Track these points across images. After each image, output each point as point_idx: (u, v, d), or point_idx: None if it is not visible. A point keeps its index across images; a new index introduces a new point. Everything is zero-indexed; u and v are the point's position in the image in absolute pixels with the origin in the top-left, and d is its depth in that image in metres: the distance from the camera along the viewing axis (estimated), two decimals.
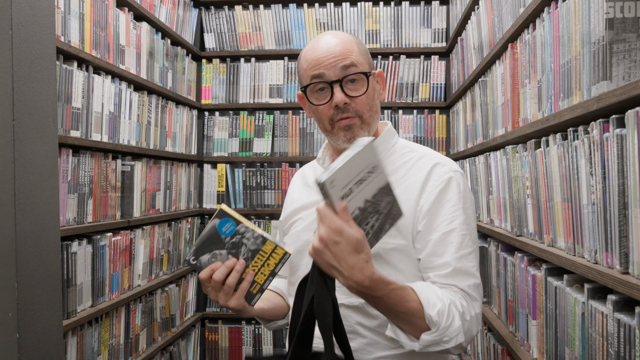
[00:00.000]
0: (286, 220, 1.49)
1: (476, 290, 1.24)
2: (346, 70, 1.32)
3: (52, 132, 1.53)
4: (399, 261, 1.29)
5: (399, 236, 1.29)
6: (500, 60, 2.07)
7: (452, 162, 1.35)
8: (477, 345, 2.38)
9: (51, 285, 1.51)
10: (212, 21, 3.74)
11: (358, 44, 1.37)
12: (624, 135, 1.01)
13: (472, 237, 1.28)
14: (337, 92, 1.32)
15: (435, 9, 3.60)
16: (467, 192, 1.31)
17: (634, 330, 0.97)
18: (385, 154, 1.37)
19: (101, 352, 2.29)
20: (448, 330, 1.17)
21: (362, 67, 1.33)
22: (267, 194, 3.70)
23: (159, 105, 3.00)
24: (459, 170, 1.32)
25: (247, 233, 1.21)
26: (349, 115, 1.33)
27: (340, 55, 1.32)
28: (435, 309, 1.17)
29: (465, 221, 1.27)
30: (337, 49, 1.33)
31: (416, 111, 3.64)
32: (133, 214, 2.62)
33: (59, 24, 1.98)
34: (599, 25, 1.14)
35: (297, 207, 1.48)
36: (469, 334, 1.20)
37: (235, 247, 1.22)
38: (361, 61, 1.34)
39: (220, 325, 3.69)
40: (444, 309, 1.17)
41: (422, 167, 1.32)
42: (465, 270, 1.24)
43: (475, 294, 1.23)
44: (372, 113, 1.35)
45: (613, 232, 1.06)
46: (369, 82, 1.33)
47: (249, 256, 1.23)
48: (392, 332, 1.22)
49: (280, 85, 3.71)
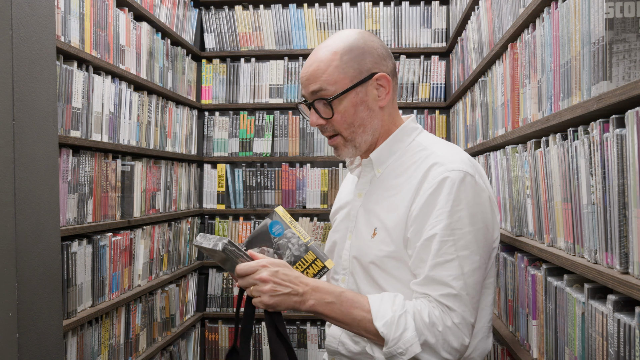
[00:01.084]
0: (331, 218, 1.56)
1: (452, 299, 1.19)
2: (313, 95, 1.32)
3: (52, 132, 1.53)
4: (394, 268, 1.28)
5: (390, 243, 1.28)
6: (500, 60, 2.07)
7: (458, 160, 1.27)
8: None
9: (51, 285, 1.51)
10: (212, 21, 3.75)
11: (341, 56, 1.30)
12: (624, 135, 1.01)
13: (459, 244, 1.21)
14: (310, 115, 1.34)
15: (435, 9, 3.60)
16: (464, 192, 1.23)
17: (634, 330, 0.97)
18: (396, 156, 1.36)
19: (101, 352, 2.29)
20: (399, 342, 1.17)
21: (333, 89, 1.29)
22: (267, 194, 3.70)
23: (159, 105, 3.00)
24: (461, 170, 1.24)
25: (293, 239, 1.27)
26: (330, 134, 1.35)
27: (310, 77, 1.32)
28: (383, 321, 1.18)
29: (448, 226, 1.21)
30: (310, 70, 1.32)
31: (416, 111, 3.64)
32: (133, 214, 2.62)
33: (59, 24, 1.98)
34: (599, 25, 1.14)
35: (337, 207, 1.53)
36: (446, 344, 1.18)
37: (282, 248, 1.28)
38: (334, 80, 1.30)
39: (220, 325, 3.69)
40: (393, 320, 1.17)
41: (422, 168, 1.28)
42: (439, 279, 1.20)
43: (451, 303, 1.19)
44: (353, 129, 1.32)
45: (613, 232, 1.06)
46: (333, 106, 1.30)
47: (292, 260, 1.27)
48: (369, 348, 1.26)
49: (280, 85, 3.71)
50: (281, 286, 1.19)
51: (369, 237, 1.32)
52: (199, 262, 3.65)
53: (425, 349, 1.18)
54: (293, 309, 1.22)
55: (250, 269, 1.21)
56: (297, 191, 3.68)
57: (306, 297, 1.21)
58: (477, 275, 1.23)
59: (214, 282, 3.71)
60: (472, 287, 1.21)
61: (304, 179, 3.67)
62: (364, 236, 1.34)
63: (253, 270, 1.21)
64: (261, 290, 1.20)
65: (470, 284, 1.21)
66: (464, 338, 1.20)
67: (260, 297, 1.20)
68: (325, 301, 1.22)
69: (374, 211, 1.34)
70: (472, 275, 1.21)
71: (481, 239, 1.24)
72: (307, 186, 3.67)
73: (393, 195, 1.31)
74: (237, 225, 3.71)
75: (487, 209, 1.26)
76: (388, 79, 1.32)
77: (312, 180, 3.66)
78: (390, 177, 1.35)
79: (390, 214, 1.29)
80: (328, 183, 3.64)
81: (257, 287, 1.20)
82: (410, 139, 1.37)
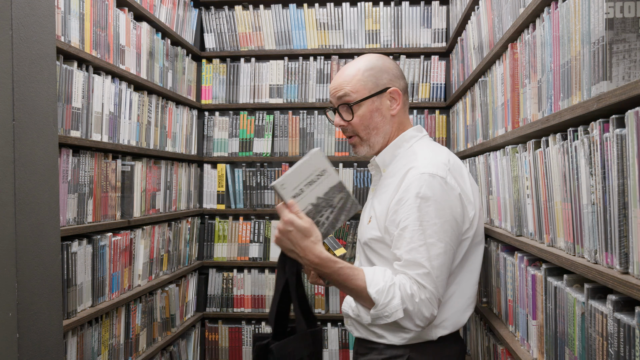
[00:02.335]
0: None
1: (424, 278, 1.48)
2: (339, 100, 1.66)
3: (52, 132, 1.53)
4: (380, 249, 1.61)
5: (377, 229, 1.60)
6: (500, 60, 2.07)
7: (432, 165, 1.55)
8: (477, 345, 2.38)
9: (51, 285, 1.51)
10: (212, 21, 3.75)
11: (363, 72, 1.64)
12: (624, 135, 1.01)
13: (428, 232, 1.49)
14: (335, 117, 1.70)
15: (435, 9, 3.60)
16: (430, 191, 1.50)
17: (634, 330, 0.97)
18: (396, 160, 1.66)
19: (101, 352, 2.29)
20: (387, 307, 1.47)
21: (355, 96, 1.63)
22: (267, 194, 3.70)
23: (159, 105, 3.00)
24: (431, 173, 1.52)
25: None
26: (349, 134, 1.70)
27: (337, 87, 1.67)
28: (376, 288, 1.48)
29: (417, 218, 1.50)
30: (338, 81, 1.68)
31: (416, 111, 3.64)
32: (133, 214, 2.62)
33: (59, 24, 1.98)
34: (599, 25, 1.14)
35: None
36: (420, 313, 1.48)
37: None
38: (356, 89, 1.64)
39: (220, 325, 3.69)
40: (384, 288, 1.48)
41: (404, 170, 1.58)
42: (415, 261, 1.49)
43: (424, 281, 1.48)
44: (369, 131, 1.66)
45: (613, 232, 1.06)
46: (353, 110, 1.64)
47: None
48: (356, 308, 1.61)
49: (280, 85, 3.71)
50: (285, 242, 1.51)
51: (366, 223, 1.68)
52: (199, 262, 3.65)
53: (405, 316, 1.48)
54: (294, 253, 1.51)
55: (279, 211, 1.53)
56: None
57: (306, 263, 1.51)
58: (442, 259, 1.50)
59: (214, 282, 3.71)
60: (438, 268, 1.50)
61: None
62: (364, 223, 1.70)
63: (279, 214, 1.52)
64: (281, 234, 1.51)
65: (436, 266, 1.49)
66: (433, 310, 1.50)
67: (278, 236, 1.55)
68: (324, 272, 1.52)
69: (373, 203, 1.68)
70: (437, 259, 1.49)
71: (448, 229, 1.52)
72: None
73: (385, 192, 1.63)
74: (237, 225, 3.71)
75: (455, 205, 1.54)
76: (399, 93, 1.66)
77: None
78: (388, 176, 1.68)
79: (380, 206, 1.62)
80: None
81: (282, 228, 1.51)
82: (409, 145, 1.67)
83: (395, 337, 1.58)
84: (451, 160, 1.61)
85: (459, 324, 1.65)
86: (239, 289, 3.68)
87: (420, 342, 1.59)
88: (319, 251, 1.49)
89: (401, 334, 1.58)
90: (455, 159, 1.65)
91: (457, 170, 1.61)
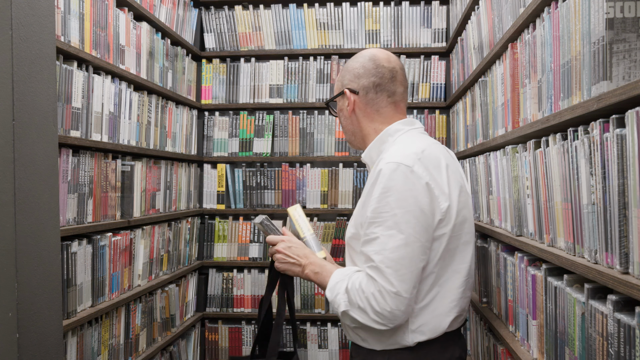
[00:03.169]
0: None
1: (374, 270, 1.46)
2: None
3: (52, 132, 1.53)
4: (356, 245, 1.59)
5: (352, 226, 1.61)
6: (500, 60, 2.07)
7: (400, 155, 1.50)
8: (477, 345, 2.38)
9: (51, 285, 1.51)
10: (212, 21, 3.74)
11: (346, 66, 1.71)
12: (624, 135, 1.01)
13: (386, 224, 1.45)
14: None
15: (435, 9, 3.60)
16: (394, 181, 1.46)
17: (634, 330, 0.97)
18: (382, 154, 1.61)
19: (101, 352, 2.29)
20: (334, 301, 1.55)
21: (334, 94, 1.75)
22: (267, 194, 3.70)
23: (159, 105, 3.00)
24: (396, 162, 1.48)
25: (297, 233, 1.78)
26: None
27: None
28: (329, 286, 1.57)
29: (375, 210, 1.47)
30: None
31: (416, 111, 3.64)
32: (133, 214, 2.62)
33: (59, 24, 1.98)
34: (599, 25, 1.14)
35: None
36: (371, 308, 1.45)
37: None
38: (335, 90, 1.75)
39: (220, 325, 3.69)
40: (333, 286, 1.55)
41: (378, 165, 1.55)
42: (366, 254, 1.49)
43: (373, 274, 1.46)
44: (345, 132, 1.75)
45: (613, 232, 1.06)
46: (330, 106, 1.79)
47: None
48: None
49: (280, 85, 3.71)
50: (289, 257, 1.68)
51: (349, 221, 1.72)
52: (199, 262, 3.65)
53: (354, 309, 1.49)
54: (296, 274, 1.69)
55: (274, 241, 1.73)
56: (297, 191, 3.68)
57: (304, 268, 1.67)
58: (402, 251, 1.43)
59: (214, 282, 3.71)
60: (396, 261, 1.43)
61: (304, 179, 3.67)
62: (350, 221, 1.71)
63: (275, 242, 1.72)
64: (277, 258, 1.70)
65: (392, 259, 1.43)
66: (386, 304, 1.44)
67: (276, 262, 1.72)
68: (314, 271, 1.65)
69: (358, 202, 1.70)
70: (395, 251, 1.43)
71: (411, 219, 1.44)
72: (307, 186, 3.67)
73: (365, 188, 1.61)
74: (237, 225, 3.71)
75: (420, 194, 1.46)
76: (348, 93, 1.67)
77: (312, 180, 3.66)
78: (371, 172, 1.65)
79: (359, 202, 1.61)
80: (328, 183, 3.64)
81: (275, 255, 1.71)
82: (393, 138, 1.63)
83: (375, 341, 1.55)
84: (427, 151, 1.54)
85: (438, 329, 1.54)
86: (239, 289, 3.68)
87: (398, 347, 1.53)
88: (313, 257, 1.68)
89: (380, 337, 1.54)
90: (434, 150, 1.57)
91: (432, 161, 1.52)
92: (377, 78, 1.64)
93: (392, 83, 1.65)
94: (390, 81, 1.65)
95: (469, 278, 1.59)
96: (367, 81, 1.65)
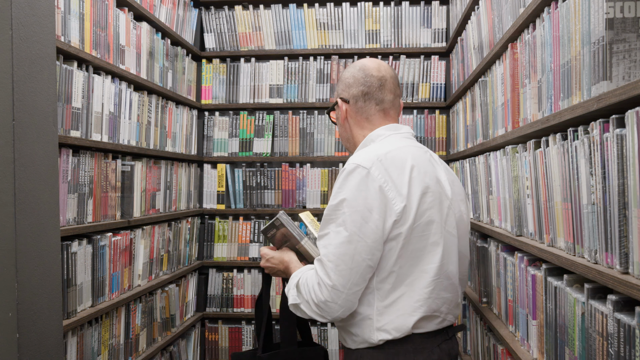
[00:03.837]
0: None
1: (318, 264, 1.56)
2: None
3: (52, 132, 1.53)
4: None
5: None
6: (500, 60, 2.07)
7: (361, 158, 1.58)
8: (477, 345, 2.38)
9: (51, 285, 1.51)
10: (212, 21, 3.74)
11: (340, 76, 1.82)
12: (624, 135, 1.01)
13: (337, 221, 1.54)
14: None
15: (435, 9, 3.60)
16: (349, 181, 1.55)
17: (634, 330, 0.97)
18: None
19: (101, 352, 2.29)
20: (288, 294, 1.64)
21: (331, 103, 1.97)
22: (267, 194, 3.70)
23: (159, 105, 3.00)
24: (355, 163, 1.57)
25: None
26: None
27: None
28: (288, 284, 1.68)
29: (330, 207, 1.57)
30: None
31: (416, 111, 3.64)
32: (133, 214, 2.62)
33: (59, 24, 1.98)
34: (599, 25, 1.14)
35: None
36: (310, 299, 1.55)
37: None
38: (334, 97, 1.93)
39: (220, 325, 3.69)
40: (290, 282, 1.67)
41: None
42: (318, 248, 1.59)
43: (317, 267, 1.56)
44: (342, 139, 1.86)
45: (613, 232, 1.06)
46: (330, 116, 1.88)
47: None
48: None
49: (280, 85, 3.71)
50: (271, 265, 1.83)
51: None
52: (199, 262, 3.65)
53: (303, 302, 1.58)
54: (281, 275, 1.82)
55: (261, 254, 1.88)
56: (297, 191, 3.68)
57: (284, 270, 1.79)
58: (344, 247, 1.51)
59: (214, 282, 3.71)
60: (338, 256, 1.52)
61: (304, 179, 3.67)
62: None
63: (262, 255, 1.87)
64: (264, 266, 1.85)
65: (335, 254, 1.52)
66: (321, 296, 1.53)
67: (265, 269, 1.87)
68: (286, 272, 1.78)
69: None
70: (338, 247, 1.52)
71: (357, 219, 1.51)
72: (307, 186, 3.67)
73: None
74: (237, 225, 3.71)
75: (372, 196, 1.52)
76: (340, 103, 1.78)
77: (312, 180, 3.66)
78: None
79: None
80: (328, 183, 3.64)
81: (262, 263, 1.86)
82: (375, 143, 1.69)
83: (350, 340, 1.63)
84: (391, 153, 1.58)
85: (402, 328, 1.55)
86: (239, 289, 3.68)
87: (367, 347, 1.59)
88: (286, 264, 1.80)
89: (351, 336, 1.62)
90: (401, 152, 1.60)
91: (395, 162, 1.56)
92: (365, 87, 1.73)
93: (381, 91, 1.72)
94: (379, 89, 1.72)
95: (441, 279, 1.58)
96: (357, 90, 1.74)
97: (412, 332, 1.56)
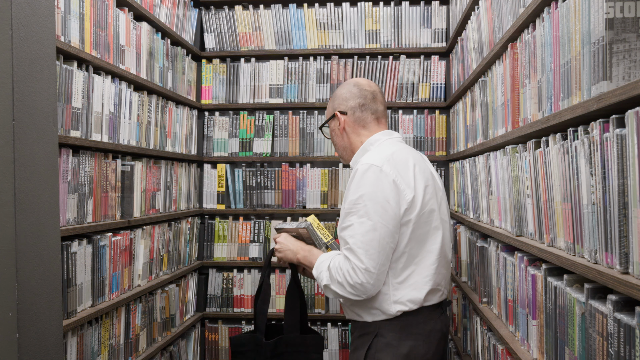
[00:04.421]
0: None
1: (348, 252, 1.78)
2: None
3: (52, 132, 1.53)
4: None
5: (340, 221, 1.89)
6: (500, 60, 2.07)
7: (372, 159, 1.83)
8: (477, 345, 2.38)
9: (51, 285, 1.51)
10: (212, 21, 3.74)
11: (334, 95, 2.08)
12: (624, 135, 1.01)
13: (359, 213, 1.77)
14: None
15: (435, 9, 3.60)
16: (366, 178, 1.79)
17: (634, 330, 0.97)
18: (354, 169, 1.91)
19: (101, 352, 2.29)
20: (318, 277, 1.88)
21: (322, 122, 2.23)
22: (267, 194, 3.70)
23: (159, 105, 3.00)
24: (368, 163, 1.82)
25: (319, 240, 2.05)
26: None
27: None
28: (315, 265, 1.91)
29: (351, 202, 1.80)
30: None
31: (416, 111, 3.64)
32: (133, 214, 2.62)
33: (59, 24, 1.98)
34: (599, 25, 1.14)
35: None
36: (346, 281, 1.78)
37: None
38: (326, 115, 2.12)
39: (220, 325, 3.69)
40: (318, 265, 1.89)
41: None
42: (343, 238, 1.82)
43: (348, 254, 1.78)
44: (335, 146, 2.12)
45: (613, 232, 1.06)
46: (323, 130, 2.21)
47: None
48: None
49: (280, 85, 3.71)
50: (283, 248, 2.06)
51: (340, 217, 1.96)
52: (199, 262, 3.65)
53: (334, 283, 1.81)
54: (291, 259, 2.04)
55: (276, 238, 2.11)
56: (297, 191, 3.68)
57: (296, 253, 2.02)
58: (371, 234, 1.76)
59: (214, 282, 3.71)
60: (366, 243, 1.76)
61: (304, 179, 3.67)
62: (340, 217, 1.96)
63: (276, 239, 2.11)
64: (276, 248, 2.10)
65: (363, 241, 1.76)
66: (357, 278, 1.76)
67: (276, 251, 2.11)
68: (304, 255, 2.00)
69: None
70: (365, 235, 1.76)
71: (379, 209, 1.77)
72: (307, 186, 3.67)
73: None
74: (237, 225, 3.71)
75: (387, 189, 1.79)
76: (338, 115, 2.04)
77: (312, 180, 3.66)
78: None
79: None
80: (328, 183, 3.64)
81: (275, 246, 2.12)
82: (373, 147, 1.97)
83: (367, 314, 1.88)
84: (395, 154, 1.88)
85: (416, 300, 1.84)
86: (239, 289, 3.68)
87: (385, 318, 1.85)
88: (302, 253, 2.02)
89: (370, 310, 1.87)
90: (402, 153, 1.91)
91: (401, 162, 1.86)
92: (361, 99, 2.02)
93: (374, 102, 2.03)
94: (372, 101, 2.03)
95: (441, 257, 1.90)
96: (354, 102, 2.02)
97: (423, 304, 1.86)
